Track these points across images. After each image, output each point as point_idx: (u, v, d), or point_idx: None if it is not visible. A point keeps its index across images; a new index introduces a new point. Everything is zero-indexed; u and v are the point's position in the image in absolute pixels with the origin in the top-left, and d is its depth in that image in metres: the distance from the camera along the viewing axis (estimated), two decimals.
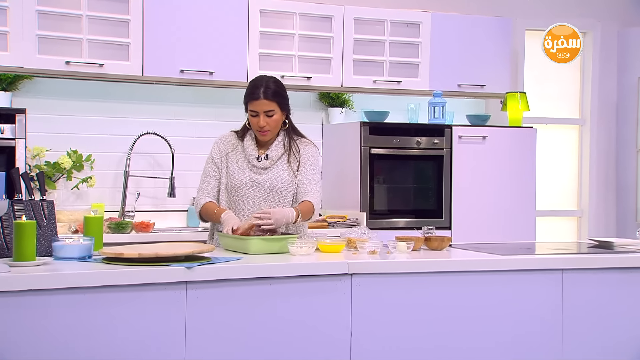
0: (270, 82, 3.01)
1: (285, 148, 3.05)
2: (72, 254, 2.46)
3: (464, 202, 4.46)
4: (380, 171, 4.38)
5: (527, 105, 4.67)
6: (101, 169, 4.20)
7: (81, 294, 2.23)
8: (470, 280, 2.76)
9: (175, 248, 2.54)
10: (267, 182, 3.01)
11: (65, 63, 3.82)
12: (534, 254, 3.08)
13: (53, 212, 2.57)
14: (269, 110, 2.97)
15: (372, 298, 2.64)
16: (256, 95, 2.96)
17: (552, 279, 2.84)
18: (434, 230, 3.07)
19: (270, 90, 2.97)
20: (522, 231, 4.48)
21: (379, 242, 2.88)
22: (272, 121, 2.99)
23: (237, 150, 3.06)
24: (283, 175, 3.02)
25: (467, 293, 2.75)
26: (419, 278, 2.70)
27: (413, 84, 4.57)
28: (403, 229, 4.24)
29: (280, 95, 3.00)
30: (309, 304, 2.55)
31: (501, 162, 4.53)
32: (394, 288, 2.67)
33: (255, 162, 3.02)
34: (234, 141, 3.08)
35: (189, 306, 2.38)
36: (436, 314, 2.71)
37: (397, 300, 2.67)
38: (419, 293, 2.70)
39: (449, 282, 2.73)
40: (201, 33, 4.10)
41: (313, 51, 4.36)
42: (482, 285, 2.77)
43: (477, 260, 2.83)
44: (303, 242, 2.74)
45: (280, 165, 3.03)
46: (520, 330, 2.81)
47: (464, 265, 2.77)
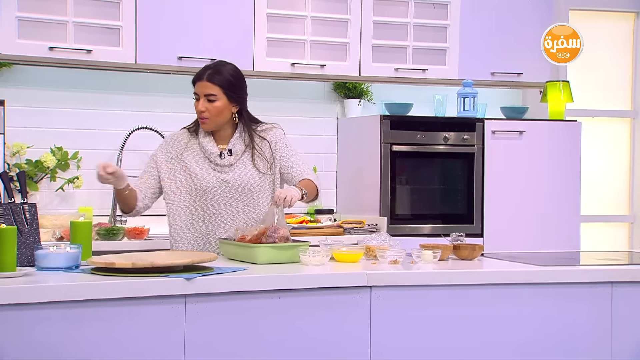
0: (223, 67, 3.03)
1: (245, 143, 3.06)
2: (57, 263, 2.48)
3: (497, 206, 4.44)
4: (402, 171, 4.38)
5: (570, 96, 4.66)
6: (89, 168, 4.22)
7: (67, 308, 2.24)
8: (505, 294, 2.75)
9: (172, 257, 2.56)
10: (237, 181, 3.03)
11: (49, 49, 3.85)
12: (578, 264, 3.07)
13: (35, 217, 2.60)
14: (210, 95, 2.98)
15: (393, 314, 2.64)
16: (199, 76, 3.01)
17: (600, 294, 2.83)
18: (464, 238, 3.07)
19: (216, 74, 2.99)
20: (564, 239, 4.47)
21: (402, 251, 2.88)
22: (212, 107, 2.99)
23: (192, 149, 3.07)
24: (251, 171, 3.04)
25: (501, 309, 2.74)
26: (446, 291, 2.70)
27: (440, 72, 4.57)
28: (428, 236, 4.23)
29: (230, 83, 3.01)
30: (323, 320, 2.56)
31: (540, 161, 4.51)
32: (419, 302, 2.67)
33: (218, 159, 3.04)
34: (186, 139, 3.09)
35: (189, 322, 2.39)
36: (466, 332, 2.71)
37: (422, 316, 2.67)
38: (447, 308, 2.69)
39: (480, 296, 2.73)
40: (202, 15, 4.11)
41: (327, 35, 4.37)
42: (518, 300, 2.76)
43: (513, 271, 2.82)
44: (316, 251, 2.74)
45: (245, 162, 3.05)
46: (561, 351, 2.80)
47: (498, 277, 2.77)
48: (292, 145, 3.13)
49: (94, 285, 2.30)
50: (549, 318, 2.79)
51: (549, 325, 2.79)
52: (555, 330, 2.79)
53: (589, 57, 5.17)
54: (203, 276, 2.43)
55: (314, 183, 3.03)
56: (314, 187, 3.02)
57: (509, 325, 2.75)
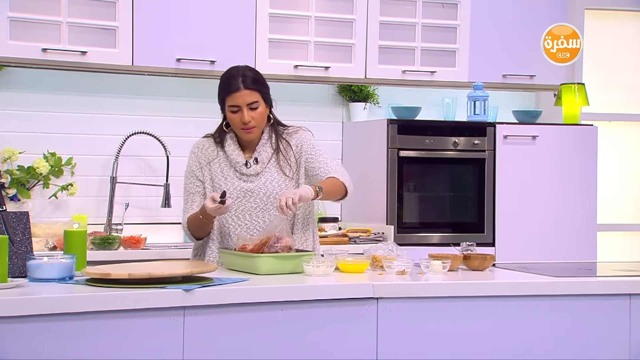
0: (246, 70, 3.02)
1: (273, 147, 3.07)
2: (50, 274, 2.48)
3: (509, 214, 4.45)
4: (410, 177, 4.39)
5: (586, 99, 4.66)
6: (84, 174, 4.24)
7: (61, 321, 2.25)
8: (517, 307, 2.75)
9: (171, 267, 2.56)
10: (261, 190, 3.02)
11: (42, 50, 3.87)
12: (594, 275, 3.07)
13: (28, 226, 2.61)
14: (253, 102, 2.97)
15: (401, 326, 2.64)
16: (235, 87, 2.96)
17: (617, 306, 2.83)
18: (475, 247, 3.07)
19: (249, 79, 2.98)
20: (580, 249, 4.47)
21: (410, 261, 2.89)
22: (257, 115, 2.99)
23: (219, 159, 3.07)
24: (277, 178, 3.03)
25: (513, 322, 2.75)
26: (457, 303, 2.70)
27: (449, 74, 4.58)
28: (437, 246, 4.24)
29: (262, 84, 3.02)
30: (328, 333, 2.56)
31: (554, 167, 4.52)
32: (428, 315, 2.67)
33: (244, 169, 3.03)
34: (213, 148, 3.08)
35: (187, 335, 2.40)
36: (477, 347, 2.71)
37: (431, 329, 2.67)
38: (457, 321, 2.70)
39: (492, 309, 2.73)
40: (201, 16, 4.13)
41: (332, 36, 4.38)
42: (531, 313, 2.76)
43: (526, 282, 2.82)
44: (320, 261, 2.75)
45: (271, 168, 3.05)
46: None
47: (510, 289, 2.77)
48: (319, 146, 3.09)
49: (89, 297, 2.30)
50: (564, 332, 2.79)
51: (563, 339, 2.79)
52: (570, 344, 2.79)
53: (605, 58, 5.18)
54: (202, 287, 2.43)
55: (339, 180, 2.98)
56: (339, 184, 2.97)
57: (521, 339, 2.75)
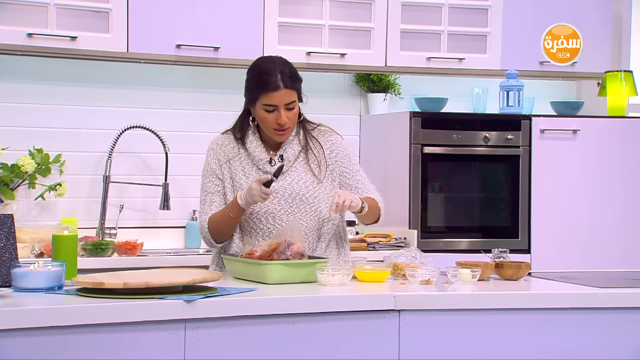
0: (283, 64, 3.01)
1: (302, 145, 3.08)
2: (37, 283, 2.49)
3: (546, 217, 4.44)
4: (435, 176, 4.39)
5: (633, 89, 4.65)
6: (74, 173, 4.26)
7: (49, 335, 2.26)
8: (556, 321, 2.75)
9: (170, 276, 2.57)
10: (287, 189, 3.02)
11: (28, 35, 3.88)
12: None
13: (12, 230, 2.62)
14: (291, 102, 2.98)
15: (425, 342, 2.64)
16: (273, 85, 2.95)
17: None
18: (508, 254, 3.07)
19: (287, 76, 2.98)
20: (627, 256, 4.45)
21: (435, 269, 2.89)
22: (292, 115, 3.00)
23: (240, 156, 3.07)
24: (305, 178, 3.04)
25: (551, 337, 2.74)
26: (487, 317, 2.70)
27: (480, 61, 4.57)
28: (466, 252, 4.24)
29: (299, 80, 3.03)
30: (344, 349, 2.57)
31: (598, 164, 4.51)
32: (455, 330, 2.67)
33: (268, 167, 3.04)
34: (233, 145, 3.09)
35: (188, 350, 2.40)
36: None
37: (458, 345, 2.67)
38: (488, 336, 2.70)
39: (527, 323, 2.73)
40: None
41: (348, 20, 4.39)
42: (572, 327, 2.76)
43: (566, 294, 2.82)
44: (336, 269, 2.76)
45: (298, 167, 3.06)
46: None
47: (547, 301, 2.77)
48: (353, 157, 3.16)
49: (80, 308, 2.31)
50: (608, 348, 2.78)
51: (607, 356, 2.78)
52: None
53: None
54: (205, 298, 2.44)
55: (378, 204, 3.07)
56: (377, 207, 3.07)
57: (560, 356, 2.74)
